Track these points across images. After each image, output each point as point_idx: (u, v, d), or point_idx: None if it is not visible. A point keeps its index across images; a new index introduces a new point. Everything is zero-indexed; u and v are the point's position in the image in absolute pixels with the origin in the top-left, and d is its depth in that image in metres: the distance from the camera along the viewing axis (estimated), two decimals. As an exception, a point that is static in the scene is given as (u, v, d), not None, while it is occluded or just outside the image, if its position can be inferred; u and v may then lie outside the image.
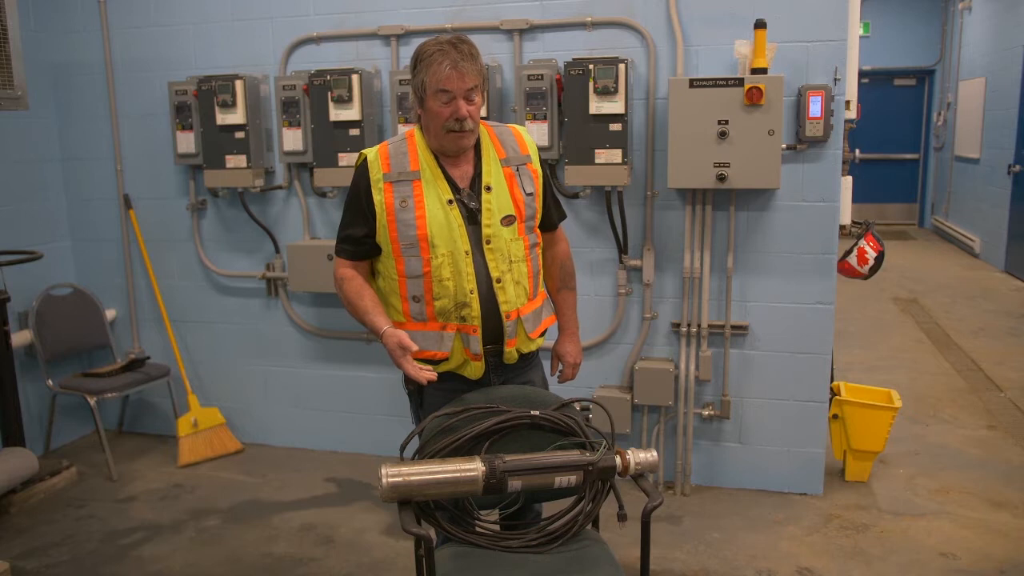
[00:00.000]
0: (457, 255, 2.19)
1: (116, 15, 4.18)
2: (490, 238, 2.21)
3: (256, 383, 4.33)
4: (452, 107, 2.13)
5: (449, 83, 2.11)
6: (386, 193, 2.21)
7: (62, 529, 3.50)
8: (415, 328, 2.26)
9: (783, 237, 3.50)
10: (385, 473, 1.98)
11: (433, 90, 2.13)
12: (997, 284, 7.79)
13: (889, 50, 10.79)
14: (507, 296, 2.24)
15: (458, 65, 2.10)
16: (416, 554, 2.01)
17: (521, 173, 2.29)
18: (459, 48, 2.12)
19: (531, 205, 2.29)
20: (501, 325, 2.25)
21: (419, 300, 2.24)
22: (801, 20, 3.33)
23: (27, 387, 4.14)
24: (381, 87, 3.83)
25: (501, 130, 2.34)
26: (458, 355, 2.26)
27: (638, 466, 2.09)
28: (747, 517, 3.46)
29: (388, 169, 2.23)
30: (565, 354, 2.52)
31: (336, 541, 3.35)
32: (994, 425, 4.39)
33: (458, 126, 2.15)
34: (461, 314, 2.22)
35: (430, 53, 2.13)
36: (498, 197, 2.23)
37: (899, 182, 11.57)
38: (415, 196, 2.20)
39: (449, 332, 2.24)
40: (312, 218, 4.06)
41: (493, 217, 2.22)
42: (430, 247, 2.19)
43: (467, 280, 2.20)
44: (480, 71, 2.16)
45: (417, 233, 2.19)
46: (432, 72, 2.12)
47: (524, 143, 2.34)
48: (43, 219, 4.35)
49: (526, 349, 2.35)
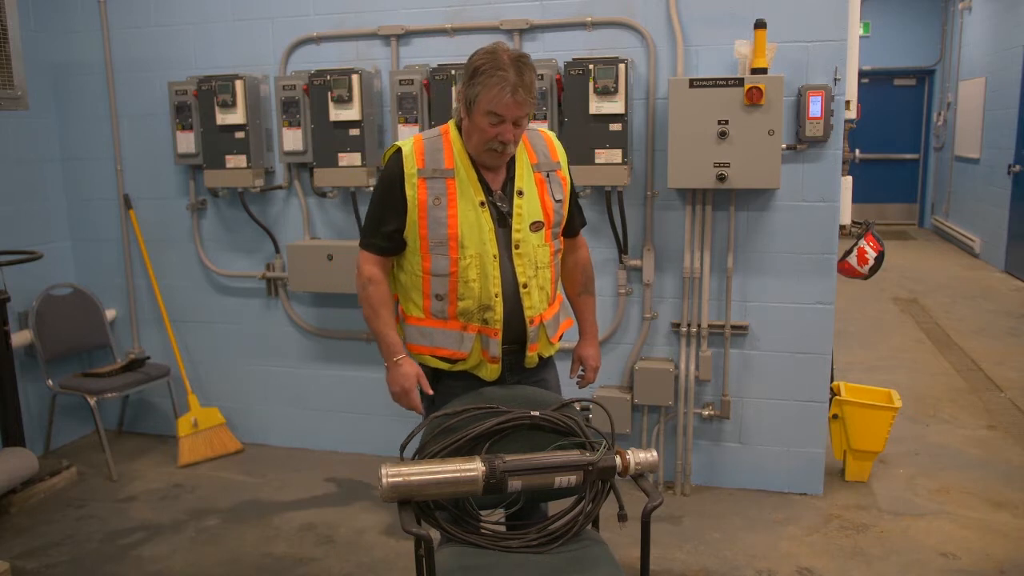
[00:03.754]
0: (485, 258, 2.19)
1: (116, 15, 4.18)
2: (519, 243, 2.21)
3: (256, 383, 4.33)
4: (499, 129, 2.11)
5: (505, 110, 2.08)
6: (419, 189, 2.18)
7: (62, 529, 3.50)
8: (434, 325, 2.26)
9: (783, 237, 3.50)
10: (385, 473, 1.98)
11: (485, 110, 2.09)
12: (997, 284, 7.79)
13: (889, 50, 10.79)
14: (532, 301, 2.24)
15: (517, 94, 2.06)
16: (416, 554, 2.01)
17: (551, 180, 2.29)
18: (523, 75, 2.07)
19: (559, 212, 2.29)
20: (523, 329, 2.26)
21: (442, 299, 2.23)
22: (801, 20, 3.33)
23: (27, 387, 4.14)
24: (381, 87, 3.83)
25: (533, 135, 2.33)
26: (475, 356, 2.26)
27: (638, 466, 2.09)
28: (747, 517, 3.46)
29: (423, 164, 2.20)
30: (587, 357, 2.53)
31: (336, 541, 3.35)
32: (994, 425, 4.39)
33: (500, 147, 2.14)
34: (484, 317, 2.22)
35: (491, 71, 2.07)
36: (529, 202, 2.23)
37: (899, 182, 11.58)
38: (448, 194, 2.18)
39: (470, 333, 2.24)
40: (312, 218, 4.06)
41: (523, 222, 2.21)
42: (459, 247, 2.18)
43: (493, 283, 2.20)
44: (535, 99, 2.14)
45: (448, 232, 2.17)
46: (490, 93, 2.07)
47: (555, 149, 2.34)
48: (43, 219, 4.35)
49: (546, 353, 2.37)
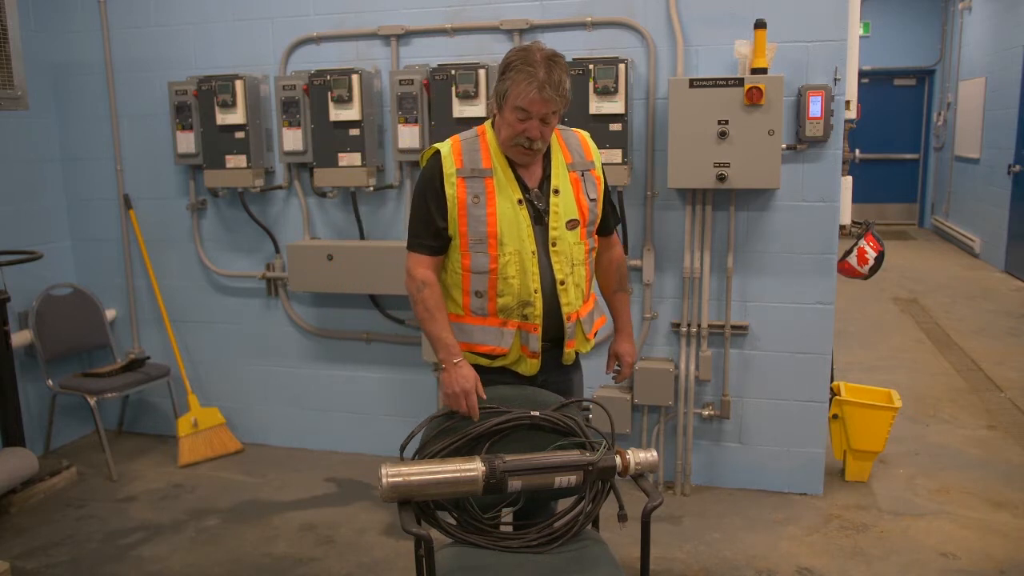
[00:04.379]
0: (524, 254, 2.21)
1: (116, 15, 4.18)
2: (556, 240, 2.24)
3: (256, 383, 4.33)
4: (526, 125, 2.14)
5: (531, 106, 2.11)
6: (459, 188, 2.21)
7: (62, 529, 3.50)
8: (474, 322, 2.28)
9: (783, 237, 3.50)
10: (385, 473, 1.98)
11: (513, 104, 2.13)
12: (997, 284, 7.79)
13: (889, 50, 10.79)
14: (569, 298, 2.27)
15: (544, 91, 2.09)
16: (416, 554, 2.01)
17: (586, 179, 2.32)
18: (552, 73, 2.10)
19: (593, 211, 2.32)
20: (560, 326, 2.28)
21: (482, 295, 2.25)
22: (801, 20, 3.33)
23: (27, 387, 4.13)
24: (381, 87, 3.83)
25: (568, 135, 2.36)
26: (515, 351, 2.29)
27: (638, 466, 2.09)
28: (747, 517, 3.46)
29: (461, 164, 2.23)
30: (624, 353, 2.54)
31: (336, 541, 3.35)
32: (994, 425, 4.39)
33: (527, 143, 2.16)
34: (524, 312, 2.24)
35: (522, 67, 2.11)
36: (565, 201, 2.26)
37: (899, 182, 11.58)
38: (487, 193, 2.21)
39: (510, 329, 2.26)
40: (312, 218, 4.06)
41: (559, 220, 2.24)
42: (499, 244, 2.20)
43: (532, 279, 2.22)
44: (564, 98, 2.15)
45: (487, 230, 2.20)
46: (518, 88, 2.11)
47: (589, 149, 2.37)
48: (43, 219, 4.35)
49: (583, 350, 2.40)
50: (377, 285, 3.80)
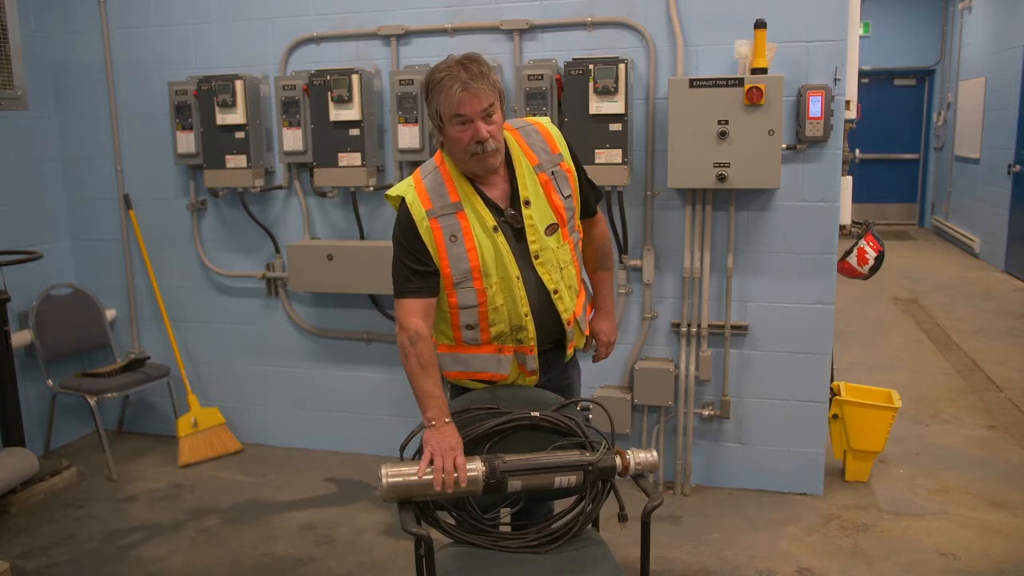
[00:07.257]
0: (509, 281, 2.16)
1: (116, 15, 4.18)
2: (538, 252, 2.18)
3: (256, 383, 4.33)
4: (471, 130, 2.05)
5: (463, 107, 2.02)
6: (434, 230, 2.13)
7: (62, 529, 3.50)
8: (470, 351, 2.25)
9: (783, 237, 3.50)
10: (385, 473, 1.98)
11: (449, 116, 2.05)
12: (997, 284, 7.79)
13: (889, 50, 10.79)
14: (565, 304, 2.24)
15: (468, 86, 2.01)
16: (416, 554, 2.01)
17: (557, 177, 2.22)
18: (468, 68, 2.03)
19: (570, 207, 2.24)
20: (560, 331, 2.27)
21: (473, 328, 2.21)
22: (801, 20, 3.33)
23: (27, 387, 4.14)
24: (381, 87, 3.83)
25: (527, 131, 2.24)
26: (514, 373, 2.28)
27: (638, 466, 2.09)
28: (747, 517, 3.46)
29: (430, 205, 2.14)
30: (600, 332, 2.50)
31: (336, 541, 3.35)
32: (994, 425, 4.39)
33: (480, 148, 2.07)
34: (518, 337, 2.22)
35: (439, 79, 2.04)
36: (538, 210, 2.18)
37: (899, 182, 11.57)
38: (463, 229, 2.14)
39: (506, 355, 2.24)
40: (312, 218, 4.06)
41: (537, 232, 2.17)
42: (483, 276, 2.15)
43: (521, 304, 2.18)
44: (494, 87, 2.07)
45: (470, 265, 2.14)
46: (444, 98, 2.03)
47: (553, 140, 2.24)
48: (43, 219, 4.35)
49: (580, 344, 2.40)
50: (377, 285, 3.80)
